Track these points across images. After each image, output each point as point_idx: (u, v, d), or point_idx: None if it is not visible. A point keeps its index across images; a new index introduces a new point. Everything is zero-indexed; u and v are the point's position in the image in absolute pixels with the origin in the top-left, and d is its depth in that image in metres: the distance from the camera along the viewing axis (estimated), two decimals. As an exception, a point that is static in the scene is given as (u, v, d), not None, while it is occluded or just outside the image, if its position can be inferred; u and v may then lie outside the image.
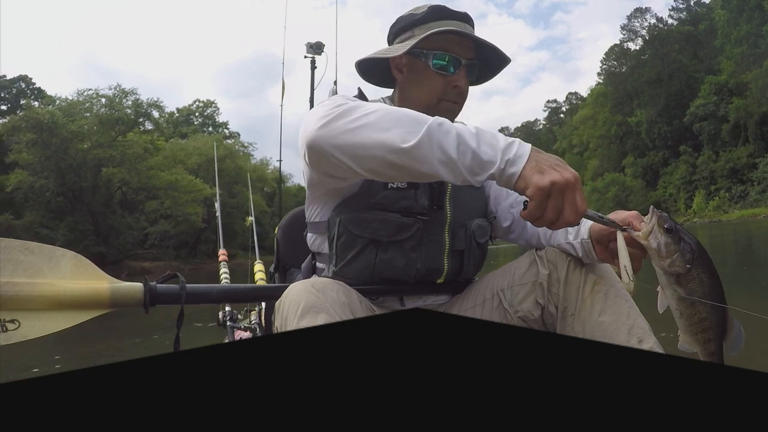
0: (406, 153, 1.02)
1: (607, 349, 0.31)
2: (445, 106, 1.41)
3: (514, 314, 1.36)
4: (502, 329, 0.35)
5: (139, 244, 33.21)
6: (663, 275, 1.06)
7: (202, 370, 0.28)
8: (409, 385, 0.27)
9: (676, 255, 1.04)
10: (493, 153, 1.00)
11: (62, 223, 29.50)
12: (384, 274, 1.35)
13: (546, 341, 0.33)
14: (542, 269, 1.34)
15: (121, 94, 32.12)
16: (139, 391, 0.26)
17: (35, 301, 1.20)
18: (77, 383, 0.26)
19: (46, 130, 27.78)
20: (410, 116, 1.05)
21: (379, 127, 1.04)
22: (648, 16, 63.26)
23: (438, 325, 0.35)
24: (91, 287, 1.28)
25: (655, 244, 1.05)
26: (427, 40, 1.36)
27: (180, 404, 0.25)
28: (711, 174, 49.33)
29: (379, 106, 1.08)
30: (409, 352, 0.30)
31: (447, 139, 1.01)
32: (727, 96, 48.81)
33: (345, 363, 0.29)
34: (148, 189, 32.56)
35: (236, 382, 0.27)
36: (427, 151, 1.01)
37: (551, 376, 0.28)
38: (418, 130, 1.01)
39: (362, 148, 1.06)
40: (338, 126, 1.07)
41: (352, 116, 1.07)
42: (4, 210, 29.88)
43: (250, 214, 4.66)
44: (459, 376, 0.28)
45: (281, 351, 0.31)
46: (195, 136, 42.87)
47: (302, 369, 0.29)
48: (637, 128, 59.16)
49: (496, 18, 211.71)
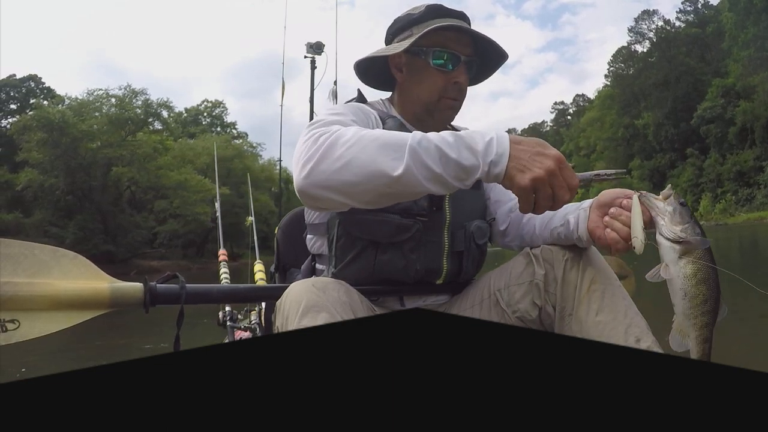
0: (395, 181, 1.03)
1: (604, 349, 0.32)
2: (445, 103, 1.43)
3: (512, 314, 1.36)
4: (501, 329, 0.36)
5: (148, 243, 33.34)
6: (671, 250, 1.06)
7: (202, 370, 0.28)
8: (410, 385, 0.27)
9: (689, 224, 1.06)
10: (475, 158, 1.02)
11: (71, 221, 29.66)
12: (383, 275, 1.36)
13: (544, 341, 0.33)
14: (538, 269, 1.33)
15: (131, 94, 32.15)
16: (139, 391, 0.25)
17: (35, 301, 1.20)
18: (77, 383, 0.25)
19: (56, 129, 27.91)
20: (390, 141, 1.05)
21: (364, 161, 1.04)
22: (655, 18, 63.22)
23: (438, 325, 0.35)
24: (90, 287, 1.27)
25: (671, 209, 1.08)
26: (426, 38, 1.37)
27: (180, 404, 0.25)
28: (718, 177, 49.24)
29: (357, 136, 1.07)
30: (410, 352, 0.30)
31: (429, 156, 1.02)
32: (734, 99, 48.69)
33: (345, 363, 0.29)
34: (156, 188, 32.67)
35: (236, 382, 0.27)
36: (414, 174, 1.02)
37: (550, 376, 0.28)
38: (402, 155, 1.02)
39: (353, 186, 1.06)
40: (323, 169, 1.06)
41: (334, 155, 1.06)
42: (14, 208, 30.10)
43: (251, 214, 4.71)
44: (459, 375, 0.28)
45: (281, 351, 0.31)
46: (203, 137, 42.93)
47: (302, 369, 0.29)
48: (644, 131, 59.11)
49: (503, 19, 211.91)
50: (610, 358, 0.30)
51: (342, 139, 1.06)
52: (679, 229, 1.05)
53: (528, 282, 1.34)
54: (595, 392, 0.26)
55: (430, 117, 1.45)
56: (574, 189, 1.04)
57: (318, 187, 1.08)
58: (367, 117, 1.38)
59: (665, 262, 1.06)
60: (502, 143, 1.03)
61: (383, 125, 1.40)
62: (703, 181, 50.85)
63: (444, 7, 1.43)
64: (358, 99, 1.52)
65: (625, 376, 0.27)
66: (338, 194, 1.08)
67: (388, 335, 0.32)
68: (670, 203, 1.08)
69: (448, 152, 1.02)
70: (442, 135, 1.05)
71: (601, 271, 1.27)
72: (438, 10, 1.42)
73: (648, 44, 62.69)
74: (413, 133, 1.06)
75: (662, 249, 1.07)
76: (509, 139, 1.04)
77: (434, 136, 1.05)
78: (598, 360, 0.30)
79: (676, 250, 1.05)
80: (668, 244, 1.06)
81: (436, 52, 1.39)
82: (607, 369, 0.28)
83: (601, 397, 0.26)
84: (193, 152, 35.54)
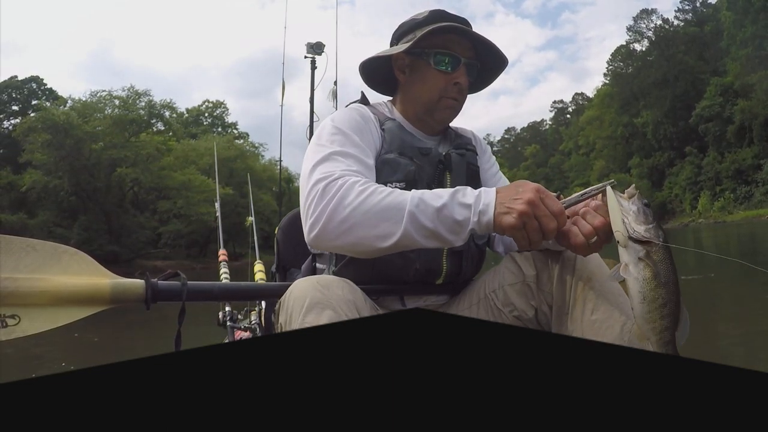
0: (395, 244, 1.15)
1: (600, 348, 0.32)
2: (445, 102, 1.47)
3: (508, 314, 1.37)
4: (500, 329, 0.36)
5: (152, 244, 33.51)
6: (631, 250, 1.04)
7: (202, 370, 0.28)
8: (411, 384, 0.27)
9: (652, 225, 1.04)
10: (467, 211, 1.12)
11: (76, 222, 29.78)
12: (383, 274, 1.37)
13: (542, 341, 0.33)
14: (530, 270, 1.35)
15: (135, 95, 32.33)
16: (140, 391, 0.26)
17: (36, 297, 1.19)
18: (77, 383, 0.25)
19: (61, 131, 28.11)
20: (391, 205, 1.14)
21: (367, 226, 1.15)
22: (654, 17, 63.24)
23: (438, 325, 0.36)
24: (91, 283, 1.27)
25: (635, 208, 1.06)
26: (428, 40, 1.42)
27: (180, 404, 0.25)
28: (716, 175, 49.36)
29: (359, 199, 1.16)
30: (412, 352, 0.31)
31: (426, 218, 1.13)
32: (732, 98, 48.79)
33: (346, 362, 0.29)
34: (159, 189, 32.86)
35: (237, 382, 0.27)
36: (413, 236, 1.14)
37: (548, 375, 0.28)
38: (400, 219, 1.13)
39: (358, 246, 1.19)
40: (330, 230, 1.17)
41: (339, 217, 1.16)
42: (18, 209, 30.25)
43: (251, 214, 4.72)
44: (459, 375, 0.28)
45: (281, 351, 0.31)
46: (204, 137, 42.97)
47: (303, 369, 0.29)
48: (643, 129, 59.16)
49: (503, 17, 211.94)
50: (605, 357, 0.30)
51: (346, 201, 1.16)
52: (643, 229, 1.04)
53: (520, 282, 1.36)
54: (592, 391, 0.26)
55: (431, 117, 1.50)
56: (559, 214, 1.09)
57: (326, 246, 1.24)
58: (367, 124, 1.43)
59: (625, 262, 1.05)
60: (489, 193, 1.14)
61: (382, 128, 1.45)
62: (702, 179, 50.94)
63: (447, 12, 1.49)
64: (361, 101, 1.57)
65: (621, 375, 0.27)
66: (344, 251, 1.26)
67: (389, 335, 0.33)
68: (635, 202, 1.07)
69: (442, 210, 1.13)
70: (438, 193, 1.16)
71: (596, 269, 1.27)
72: (440, 14, 1.48)
73: (647, 43, 62.79)
74: (411, 195, 1.15)
75: (622, 249, 1.06)
76: (495, 190, 1.14)
77: (430, 196, 1.15)
78: (595, 359, 0.30)
79: (637, 250, 1.04)
80: (629, 243, 1.05)
81: (437, 53, 1.44)
82: (603, 368, 0.28)
83: (598, 395, 0.26)
84: (196, 153, 35.63)
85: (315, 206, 1.20)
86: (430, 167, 1.43)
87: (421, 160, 1.42)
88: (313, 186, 1.22)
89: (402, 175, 1.37)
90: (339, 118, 1.41)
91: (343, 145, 1.32)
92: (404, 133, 1.46)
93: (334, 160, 1.28)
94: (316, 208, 1.19)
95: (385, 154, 1.40)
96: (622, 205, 1.07)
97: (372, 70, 1.60)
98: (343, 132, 1.36)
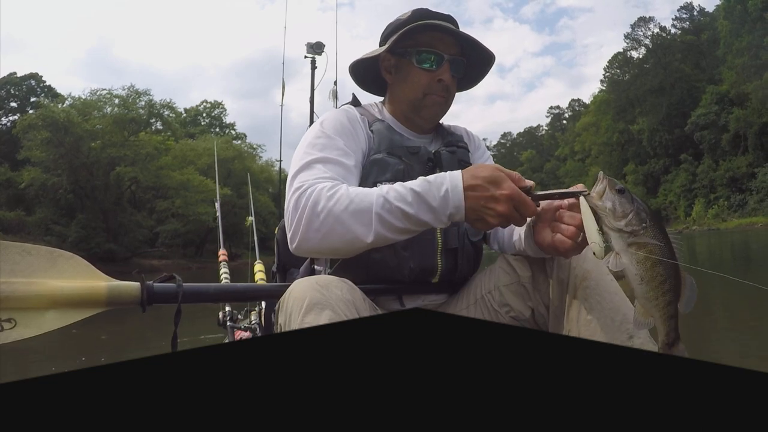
0: (370, 244, 1.19)
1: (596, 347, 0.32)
2: (431, 99, 1.47)
3: (505, 314, 1.38)
4: (499, 329, 0.36)
5: (149, 242, 33.53)
6: (619, 238, 1.04)
7: (202, 370, 0.28)
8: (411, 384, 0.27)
9: (631, 214, 1.02)
10: (433, 214, 1.15)
11: (73, 220, 29.77)
12: (379, 274, 1.38)
13: (539, 340, 0.33)
14: (525, 271, 1.36)
15: (135, 94, 32.32)
16: (139, 391, 0.25)
17: (32, 300, 1.20)
18: (77, 383, 0.25)
19: (61, 128, 28.10)
20: (359, 207, 1.17)
21: (340, 232, 1.18)
22: (651, 25, 63.55)
23: (437, 324, 0.36)
24: (87, 286, 1.27)
25: (610, 204, 1.04)
26: (412, 39, 1.43)
27: (180, 405, 0.25)
28: (711, 182, 49.64)
29: (329, 206, 1.18)
30: (412, 352, 0.31)
31: (394, 217, 1.16)
32: (728, 106, 49.10)
33: (346, 362, 0.29)
34: (157, 188, 32.88)
35: (237, 382, 0.27)
36: (386, 235, 1.17)
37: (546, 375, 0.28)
38: (370, 223, 1.16)
39: (336, 250, 1.23)
40: (309, 239, 1.20)
41: (313, 225, 1.19)
42: (16, 206, 30.25)
43: (251, 214, 4.75)
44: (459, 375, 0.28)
45: (281, 351, 0.31)
46: (202, 137, 43.00)
47: (303, 369, 0.29)
48: (638, 136, 59.32)
49: (501, 23, 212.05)
50: (602, 356, 0.30)
51: (317, 209, 1.19)
52: (623, 224, 1.03)
53: (515, 283, 1.37)
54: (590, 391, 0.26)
55: (417, 115, 1.51)
56: (533, 214, 1.14)
57: (309, 253, 1.28)
58: (353, 126, 1.44)
59: (616, 251, 1.05)
60: (457, 194, 1.13)
61: (370, 129, 1.46)
62: (697, 186, 51.17)
63: (430, 10, 1.49)
64: (353, 102, 1.59)
65: (617, 375, 0.28)
66: (327, 255, 1.32)
67: (388, 335, 0.32)
68: (608, 198, 1.05)
69: (408, 211, 1.15)
70: (402, 194, 1.16)
71: (592, 268, 1.27)
72: (423, 13, 1.48)
73: (644, 50, 63.11)
74: (377, 195, 1.17)
75: (613, 241, 1.05)
76: (462, 188, 1.13)
77: (394, 195, 1.16)
78: (591, 358, 0.30)
79: (624, 238, 1.03)
80: (615, 234, 1.04)
81: (420, 51, 1.44)
82: (601, 367, 0.29)
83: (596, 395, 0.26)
84: (195, 153, 35.66)
85: (291, 217, 1.24)
86: (419, 166, 1.43)
87: (410, 159, 1.42)
88: (290, 197, 1.25)
89: (391, 174, 1.37)
90: (326, 121, 1.44)
91: (323, 150, 1.34)
92: (393, 133, 1.47)
93: (310, 168, 1.30)
94: (293, 220, 1.23)
95: (374, 155, 1.41)
96: (597, 206, 1.06)
97: (362, 72, 1.60)
98: (327, 135, 1.38)
